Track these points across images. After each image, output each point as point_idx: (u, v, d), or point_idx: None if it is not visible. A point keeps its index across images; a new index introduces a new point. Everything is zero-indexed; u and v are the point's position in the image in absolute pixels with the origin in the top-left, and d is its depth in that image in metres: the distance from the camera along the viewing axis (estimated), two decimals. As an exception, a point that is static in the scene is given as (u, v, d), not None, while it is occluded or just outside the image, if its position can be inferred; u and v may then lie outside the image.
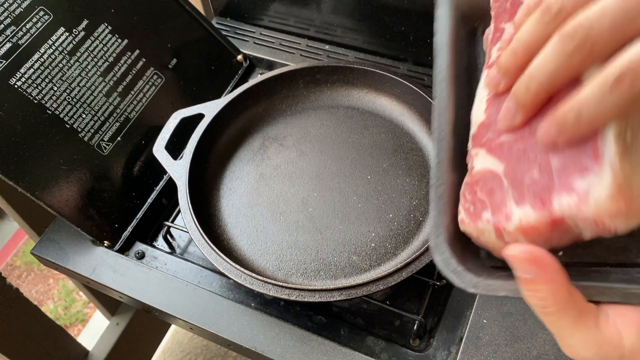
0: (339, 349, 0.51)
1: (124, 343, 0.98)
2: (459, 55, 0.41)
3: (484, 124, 0.34)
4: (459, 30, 0.42)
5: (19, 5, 0.58)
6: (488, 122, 0.34)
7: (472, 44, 0.43)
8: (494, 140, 0.33)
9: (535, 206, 0.29)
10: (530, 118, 0.31)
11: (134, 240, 0.62)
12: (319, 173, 0.63)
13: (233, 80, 0.76)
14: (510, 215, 0.30)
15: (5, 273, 0.89)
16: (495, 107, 0.34)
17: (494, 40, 0.38)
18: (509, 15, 0.38)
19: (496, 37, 0.38)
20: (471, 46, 0.43)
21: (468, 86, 0.41)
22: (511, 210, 0.30)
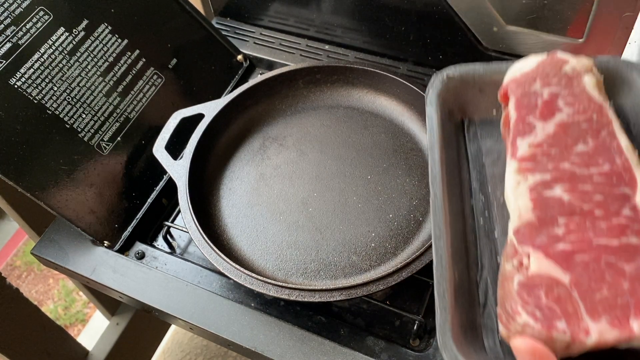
0: (339, 349, 0.51)
1: (124, 343, 0.98)
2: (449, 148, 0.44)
3: (534, 225, 0.36)
4: (447, 125, 0.44)
5: (19, 5, 0.58)
6: (539, 224, 0.36)
7: (459, 135, 0.46)
8: (551, 245, 0.35)
9: (614, 325, 0.32)
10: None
11: (134, 240, 0.62)
12: (319, 173, 0.63)
13: (233, 80, 0.76)
14: (588, 330, 0.32)
15: (5, 273, 0.89)
16: (544, 209, 0.36)
17: (520, 132, 0.40)
18: (540, 114, 0.40)
19: (523, 129, 0.40)
20: (459, 136, 0.46)
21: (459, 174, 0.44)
22: (588, 324, 0.32)
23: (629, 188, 0.37)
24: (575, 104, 0.40)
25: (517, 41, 0.65)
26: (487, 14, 0.64)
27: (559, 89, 0.41)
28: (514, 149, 0.40)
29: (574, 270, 0.34)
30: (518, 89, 0.42)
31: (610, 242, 0.34)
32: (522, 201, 0.37)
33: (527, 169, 0.39)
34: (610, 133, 0.39)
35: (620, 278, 0.33)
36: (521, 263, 0.35)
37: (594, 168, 0.38)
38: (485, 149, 0.45)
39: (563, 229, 0.35)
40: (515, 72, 0.44)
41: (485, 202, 0.43)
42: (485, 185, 0.43)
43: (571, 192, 0.37)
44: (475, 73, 0.46)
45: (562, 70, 0.42)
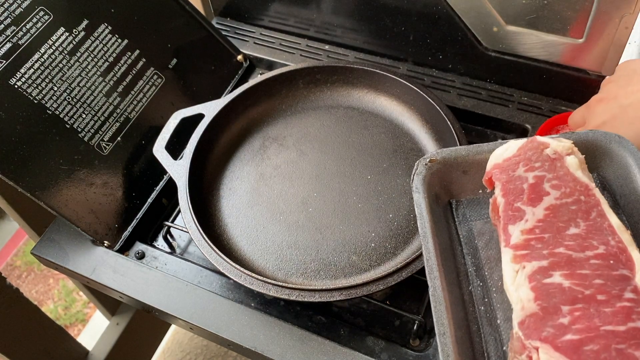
0: (339, 349, 0.51)
1: (124, 343, 0.98)
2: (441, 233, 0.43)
3: (538, 316, 0.35)
4: (436, 209, 0.45)
5: (19, 5, 0.58)
6: (543, 314, 0.35)
7: (449, 217, 0.46)
8: (558, 337, 0.34)
9: None
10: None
11: (134, 240, 0.62)
12: (319, 173, 0.63)
13: (233, 80, 0.76)
14: None
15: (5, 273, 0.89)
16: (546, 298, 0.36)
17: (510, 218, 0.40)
18: (528, 199, 0.40)
19: (512, 216, 0.40)
20: (449, 219, 0.46)
21: (454, 259, 0.43)
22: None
23: (627, 269, 0.36)
24: (562, 186, 0.41)
25: (517, 41, 0.65)
26: (487, 14, 0.64)
27: (543, 172, 0.41)
28: (507, 237, 0.40)
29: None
30: (502, 175, 0.43)
31: (617, 328, 0.34)
32: (522, 292, 0.37)
33: (523, 256, 0.38)
34: (600, 213, 0.39)
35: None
36: (530, 358, 0.34)
37: (589, 251, 0.37)
38: (476, 231, 0.45)
39: (568, 317, 0.35)
40: (497, 158, 0.44)
41: (483, 287, 0.42)
42: (482, 269, 0.43)
43: (570, 278, 0.36)
44: (458, 155, 0.46)
45: (543, 154, 0.42)
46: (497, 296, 0.41)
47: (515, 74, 0.68)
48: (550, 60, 0.65)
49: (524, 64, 0.67)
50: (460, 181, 0.46)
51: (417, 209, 0.44)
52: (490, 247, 0.44)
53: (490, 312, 0.41)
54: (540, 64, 0.66)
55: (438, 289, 0.39)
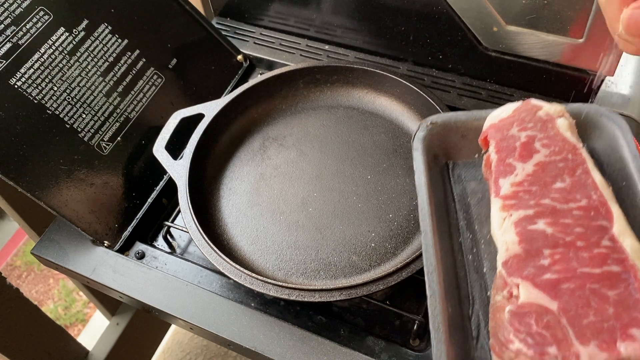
0: (339, 349, 0.51)
1: (124, 343, 0.98)
2: (436, 188, 0.47)
3: (521, 257, 0.38)
4: (433, 168, 0.48)
5: (19, 5, 0.58)
6: (525, 256, 0.38)
7: (445, 176, 0.49)
8: (538, 275, 0.37)
9: (602, 348, 0.33)
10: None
11: (134, 240, 0.62)
12: (319, 173, 0.63)
13: (233, 80, 0.76)
14: (578, 354, 0.33)
15: (5, 273, 0.89)
16: (529, 242, 0.39)
17: (502, 172, 0.43)
18: (520, 156, 0.44)
19: (504, 170, 0.43)
20: (445, 178, 0.49)
21: (447, 213, 0.47)
22: (578, 349, 0.34)
23: (606, 220, 0.39)
24: (551, 145, 0.44)
25: (517, 41, 0.65)
26: (487, 14, 0.64)
27: (535, 132, 0.45)
28: (497, 189, 0.43)
29: (562, 298, 0.36)
30: (497, 134, 0.46)
31: (593, 271, 0.37)
32: (508, 236, 0.40)
33: (511, 205, 0.41)
34: (585, 170, 0.42)
35: (605, 304, 0.35)
36: (511, 294, 0.37)
37: (573, 203, 0.40)
38: (469, 190, 0.48)
39: (549, 259, 0.38)
40: (493, 119, 0.47)
41: (472, 239, 0.45)
42: (472, 223, 0.46)
43: (553, 226, 0.39)
44: (457, 120, 0.49)
45: (536, 115, 0.46)
46: (485, 247, 0.44)
47: (515, 74, 0.68)
48: (550, 60, 0.65)
49: (524, 64, 0.67)
50: (459, 144, 0.49)
51: (415, 164, 0.47)
52: (481, 205, 0.47)
53: (477, 261, 0.44)
54: (540, 64, 0.66)
55: (429, 233, 0.42)
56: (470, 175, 0.49)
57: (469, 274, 0.43)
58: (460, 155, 0.50)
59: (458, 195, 0.48)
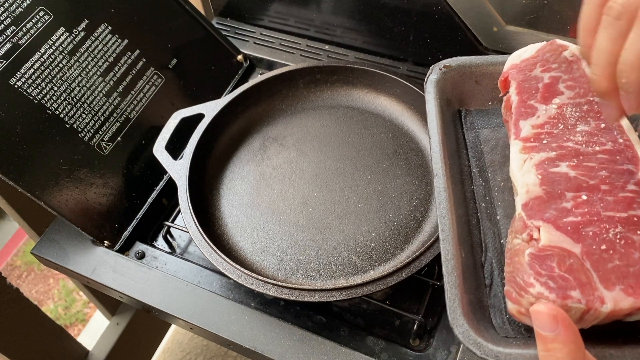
0: (339, 349, 0.51)
1: (124, 343, 0.98)
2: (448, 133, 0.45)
3: (542, 199, 0.37)
4: (446, 113, 0.46)
5: (19, 5, 0.58)
6: (547, 198, 0.37)
7: (457, 123, 0.48)
8: (560, 218, 0.35)
9: (627, 292, 0.32)
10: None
11: (134, 240, 0.62)
12: (319, 173, 0.63)
13: (233, 80, 0.76)
14: (602, 298, 0.32)
15: (5, 273, 0.89)
16: (551, 184, 0.37)
17: (522, 114, 0.41)
18: (542, 97, 0.41)
19: (525, 112, 0.41)
20: (457, 125, 0.47)
21: (459, 160, 0.45)
22: (602, 293, 0.32)
23: (632, 165, 0.38)
24: (576, 87, 0.41)
25: (517, 41, 0.65)
26: (487, 14, 0.64)
27: (559, 73, 0.42)
28: (517, 131, 0.41)
29: (585, 242, 0.34)
30: (519, 75, 0.43)
31: (618, 215, 0.35)
32: (529, 177, 0.38)
33: (532, 147, 0.39)
34: None
35: (630, 248, 0.34)
36: (531, 236, 0.35)
37: (597, 146, 0.39)
38: (482, 138, 0.46)
39: (571, 202, 0.36)
40: (515, 59, 0.45)
41: (485, 187, 0.43)
42: (485, 171, 0.44)
43: (577, 168, 0.37)
44: (472, 64, 0.47)
45: (561, 56, 0.43)
46: (499, 195, 0.43)
47: (515, 74, 0.68)
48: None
49: (524, 64, 0.67)
50: (472, 91, 0.48)
51: (428, 107, 0.45)
52: (495, 152, 0.45)
53: (490, 209, 0.42)
54: (540, 64, 0.66)
55: (441, 176, 0.40)
56: (483, 123, 0.47)
57: (482, 222, 0.42)
58: (473, 102, 0.48)
59: (471, 143, 0.46)
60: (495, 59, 0.47)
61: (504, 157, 0.42)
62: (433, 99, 0.45)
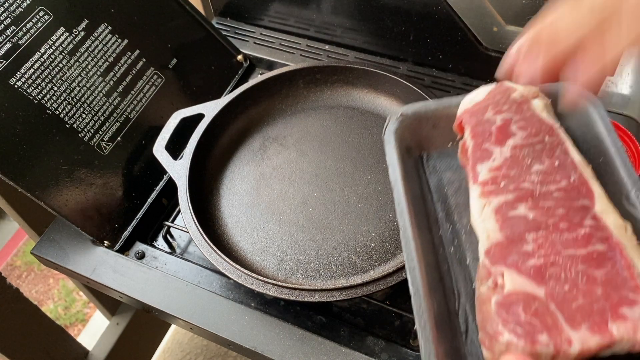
0: (339, 349, 0.51)
1: (124, 343, 0.98)
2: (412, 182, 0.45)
3: (503, 244, 0.37)
4: (407, 161, 0.46)
5: (19, 5, 0.58)
6: (508, 243, 0.37)
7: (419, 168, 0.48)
8: (522, 262, 0.36)
9: (593, 330, 0.33)
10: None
11: (134, 240, 0.62)
12: (319, 173, 0.63)
13: (233, 80, 0.76)
14: (570, 339, 0.33)
15: (5, 273, 0.89)
16: (511, 228, 0.38)
17: (479, 158, 0.42)
18: (496, 140, 0.43)
19: (481, 155, 0.42)
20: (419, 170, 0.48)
21: (424, 206, 0.45)
22: (569, 334, 0.33)
23: (588, 199, 0.39)
24: (528, 127, 0.43)
25: (517, 41, 0.65)
26: (487, 14, 0.64)
27: (511, 114, 0.44)
28: (475, 175, 0.42)
29: (548, 283, 0.35)
30: (472, 119, 0.44)
31: (578, 252, 0.36)
32: (489, 223, 0.39)
33: (490, 192, 0.40)
34: (564, 151, 0.41)
35: (593, 285, 0.34)
36: (496, 283, 0.36)
37: (553, 185, 0.40)
38: (446, 180, 0.47)
39: (532, 244, 0.37)
40: (467, 104, 0.46)
41: (452, 230, 0.44)
42: (451, 214, 0.45)
43: (535, 209, 0.39)
44: (428, 110, 0.48)
45: (511, 97, 0.44)
46: (466, 238, 0.43)
47: (515, 74, 0.68)
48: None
49: (524, 64, 0.67)
50: (431, 135, 0.48)
51: (388, 158, 0.46)
52: (459, 194, 0.46)
53: (459, 252, 0.43)
54: (540, 64, 0.66)
55: (408, 228, 0.41)
56: (445, 165, 0.48)
57: (452, 267, 0.42)
58: (433, 146, 0.48)
59: (434, 187, 0.47)
60: (450, 101, 0.48)
61: (468, 198, 0.43)
62: (393, 149, 0.46)
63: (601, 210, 0.38)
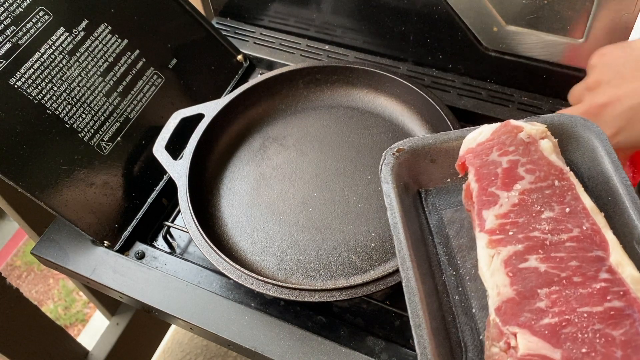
0: (339, 349, 0.51)
1: (124, 343, 0.98)
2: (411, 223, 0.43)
3: (515, 301, 0.35)
4: (405, 199, 0.44)
5: (19, 5, 0.58)
6: (519, 299, 0.35)
7: (418, 207, 0.46)
8: (536, 321, 0.34)
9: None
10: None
11: (134, 240, 0.62)
12: (319, 173, 0.63)
13: (233, 80, 0.76)
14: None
15: (5, 273, 0.89)
16: (522, 283, 0.35)
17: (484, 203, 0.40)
18: (502, 184, 0.40)
19: (487, 201, 0.40)
20: (418, 208, 0.45)
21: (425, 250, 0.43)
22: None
23: (602, 250, 0.36)
24: (536, 170, 0.40)
25: (517, 41, 0.65)
26: (487, 14, 0.64)
27: (517, 156, 0.41)
28: (481, 222, 0.39)
29: (564, 345, 0.33)
30: (476, 159, 0.42)
31: (594, 309, 0.34)
32: (498, 277, 0.37)
33: (498, 241, 0.38)
34: (574, 196, 0.39)
35: (611, 347, 0.32)
36: (509, 344, 0.34)
37: (564, 234, 0.37)
38: (446, 220, 0.45)
39: (545, 301, 0.35)
40: (470, 143, 0.43)
41: (456, 276, 0.42)
42: (454, 257, 0.43)
43: (546, 261, 0.36)
44: (425, 144, 0.45)
45: (517, 138, 0.42)
46: (471, 284, 0.41)
47: (515, 74, 0.68)
48: (551, 60, 0.65)
49: (524, 64, 0.67)
50: (429, 170, 0.46)
51: (387, 200, 0.43)
52: (461, 235, 0.43)
53: (465, 301, 0.41)
54: (540, 64, 0.66)
55: (411, 279, 0.39)
56: (445, 203, 0.45)
57: (458, 317, 0.40)
58: (431, 182, 0.46)
59: (435, 227, 0.44)
60: (449, 135, 0.45)
61: (471, 239, 0.41)
62: (391, 189, 0.43)
63: (617, 262, 0.36)
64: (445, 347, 0.38)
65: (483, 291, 0.38)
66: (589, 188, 0.42)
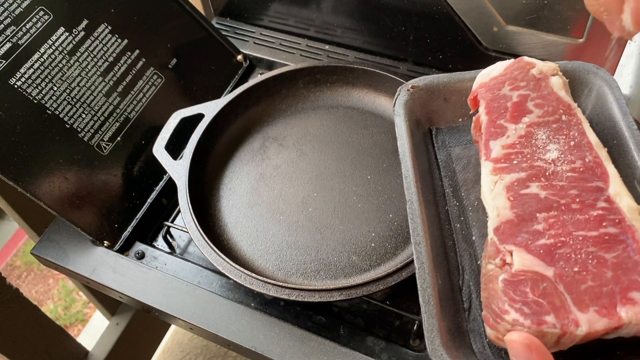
0: (339, 349, 0.51)
1: (124, 343, 0.98)
2: (419, 155, 0.44)
3: (513, 222, 0.37)
4: (416, 134, 0.46)
5: (19, 5, 0.58)
6: (518, 221, 0.37)
7: (428, 143, 0.47)
8: (532, 241, 0.35)
9: (601, 313, 0.32)
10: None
11: (134, 240, 0.62)
12: (319, 173, 0.63)
13: (233, 80, 0.76)
14: (577, 321, 0.32)
15: (5, 273, 0.89)
16: (522, 206, 0.37)
17: (492, 134, 0.41)
18: (511, 117, 0.41)
19: (495, 132, 0.41)
20: (428, 144, 0.47)
21: (431, 181, 0.44)
22: (576, 316, 0.33)
23: (602, 181, 0.38)
24: (545, 105, 0.42)
25: (517, 41, 0.65)
26: (487, 14, 0.64)
27: (528, 91, 0.42)
28: (488, 151, 0.41)
29: (558, 264, 0.34)
30: (488, 93, 0.43)
31: (589, 233, 0.35)
32: (499, 200, 0.38)
33: (502, 169, 0.39)
34: (580, 131, 0.40)
35: (603, 267, 0.34)
36: (504, 261, 0.35)
37: (567, 165, 0.39)
38: (454, 156, 0.46)
39: (543, 224, 0.36)
40: (484, 77, 0.45)
41: (459, 206, 0.43)
42: (458, 190, 0.44)
43: (547, 189, 0.38)
44: (440, 82, 0.47)
45: (529, 74, 0.43)
46: (473, 215, 0.42)
47: (515, 74, 0.68)
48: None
49: (524, 64, 0.67)
50: (441, 109, 0.47)
51: (398, 131, 0.45)
52: (467, 170, 0.45)
53: (465, 229, 0.42)
54: (540, 64, 0.66)
55: (414, 202, 0.40)
56: (454, 141, 0.47)
57: (458, 243, 0.42)
58: (443, 120, 0.47)
59: (442, 162, 0.46)
60: (463, 75, 0.46)
61: (477, 175, 0.42)
62: (402, 122, 0.45)
63: (615, 192, 0.37)
64: (443, 267, 0.40)
65: (484, 221, 0.40)
66: (596, 132, 0.43)
